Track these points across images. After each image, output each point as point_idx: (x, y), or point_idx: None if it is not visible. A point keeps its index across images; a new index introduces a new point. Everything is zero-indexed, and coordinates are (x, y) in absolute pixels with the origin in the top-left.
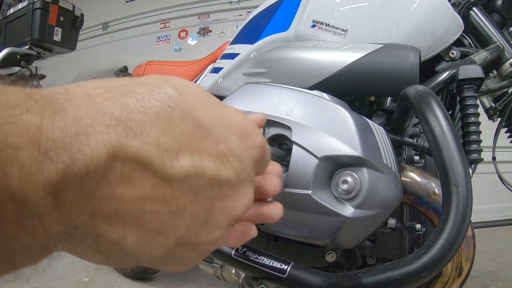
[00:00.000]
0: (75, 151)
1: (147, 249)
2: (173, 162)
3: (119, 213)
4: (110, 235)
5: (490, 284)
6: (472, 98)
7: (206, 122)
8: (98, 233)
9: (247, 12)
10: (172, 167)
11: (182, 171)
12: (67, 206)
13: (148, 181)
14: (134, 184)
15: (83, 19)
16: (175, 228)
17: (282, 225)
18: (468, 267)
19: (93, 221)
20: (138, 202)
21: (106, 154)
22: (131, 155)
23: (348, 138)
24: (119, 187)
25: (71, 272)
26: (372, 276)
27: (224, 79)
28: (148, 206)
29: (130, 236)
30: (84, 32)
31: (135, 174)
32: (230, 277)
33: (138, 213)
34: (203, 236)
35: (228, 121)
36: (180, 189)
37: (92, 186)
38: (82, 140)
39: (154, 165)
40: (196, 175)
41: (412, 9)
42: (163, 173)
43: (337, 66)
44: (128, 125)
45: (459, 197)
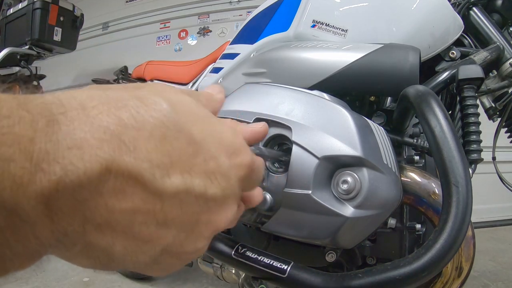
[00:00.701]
0: (68, 163)
1: (134, 256)
2: (164, 179)
3: (110, 223)
4: (100, 242)
5: (490, 284)
6: (472, 98)
7: (198, 139)
8: (88, 241)
9: (247, 12)
10: (163, 183)
11: (172, 187)
12: (59, 215)
13: (139, 195)
14: (126, 197)
15: (83, 19)
16: (161, 238)
17: (282, 225)
18: (468, 267)
19: (83, 229)
20: (129, 214)
21: (99, 168)
22: (124, 170)
23: (348, 138)
24: (111, 199)
25: (71, 272)
26: (372, 276)
27: (224, 79)
28: (137, 217)
29: (119, 244)
30: (84, 32)
31: (127, 188)
32: (230, 277)
33: (128, 223)
34: (187, 246)
35: (219, 137)
36: (169, 204)
37: (84, 197)
38: (75, 154)
39: (146, 180)
40: (185, 191)
41: (412, 9)
42: (154, 188)
43: (337, 66)
44: (122, 140)
45: (459, 197)
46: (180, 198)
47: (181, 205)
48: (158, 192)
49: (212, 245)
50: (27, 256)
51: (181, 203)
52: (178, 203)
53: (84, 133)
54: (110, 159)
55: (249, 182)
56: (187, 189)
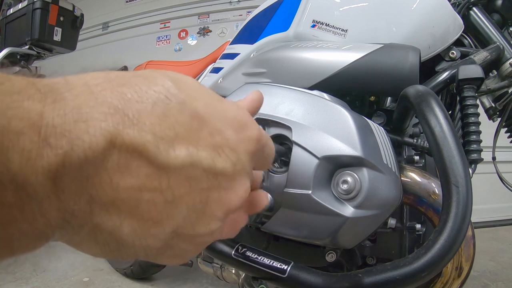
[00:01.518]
0: (74, 137)
1: (143, 239)
2: (169, 151)
3: (115, 201)
4: (107, 223)
5: (490, 284)
6: (472, 98)
7: (202, 113)
8: (95, 222)
9: (247, 12)
10: (167, 156)
11: (177, 160)
12: (65, 193)
13: (144, 170)
14: (131, 173)
15: (83, 19)
16: (171, 218)
17: (282, 225)
18: (468, 267)
19: (90, 209)
20: (134, 191)
21: (104, 141)
22: (128, 143)
23: (348, 138)
24: (116, 175)
25: (71, 272)
26: (372, 276)
27: (224, 79)
28: (144, 195)
29: (127, 225)
30: (84, 32)
31: (131, 162)
32: (230, 277)
33: (134, 202)
34: (200, 227)
35: (224, 113)
36: (176, 179)
37: (89, 173)
38: (80, 127)
39: (150, 153)
40: (192, 165)
41: (412, 9)
42: (158, 161)
43: (337, 66)
44: (126, 114)
45: (459, 197)
46: (187, 172)
47: (189, 180)
48: (164, 166)
49: (212, 245)
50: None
51: (188, 178)
52: (186, 178)
53: (89, 108)
54: (114, 132)
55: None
56: (194, 162)
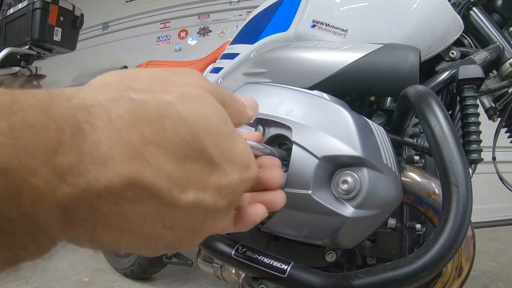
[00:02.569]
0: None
1: (136, 249)
2: (180, 195)
3: (120, 225)
4: (106, 239)
5: (490, 284)
6: (472, 98)
7: (216, 160)
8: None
9: (247, 12)
10: (178, 198)
11: (185, 202)
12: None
13: (153, 206)
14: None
15: (83, 19)
16: (164, 238)
17: (282, 225)
18: (468, 267)
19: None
20: (140, 219)
21: (121, 183)
22: (143, 185)
23: (348, 138)
24: (125, 208)
25: (71, 272)
26: (372, 276)
27: (224, 79)
28: (147, 222)
29: (124, 240)
30: (84, 32)
31: (142, 199)
32: (230, 277)
33: (137, 226)
34: (186, 243)
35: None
36: (179, 214)
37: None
38: (99, 168)
39: (162, 196)
40: (197, 205)
41: (412, 9)
42: (169, 201)
43: (337, 66)
44: (145, 158)
45: (459, 197)
46: (191, 210)
47: (190, 215)
48: (172, 205)
49: (212, 245)
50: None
51: (190, 214)
52: (188, 214)
53: (108, 148)
54: (132, 176)
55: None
56: (198, 204)
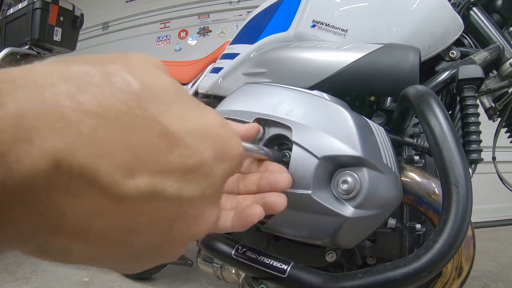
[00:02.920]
0: (13, 160)
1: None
2: (126, 180)
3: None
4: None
5: (490, 284)
6: (472, 98)
7: (175, 131)
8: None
9: (247, 12)
10: (124, 185)
11: (135, 190)
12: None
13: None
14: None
15: (83, 19)
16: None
17: (282, 225)
18: (468, 267)
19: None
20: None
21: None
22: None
23: (348, 138)
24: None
25: (71, 272)
26: (372, 276)
27: (224, 79)
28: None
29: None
30: (84, 32)
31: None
32: (230, 277)
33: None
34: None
35: (203, 128)
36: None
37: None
38: (23, 148)
39: (103, 182)
40: (153, 195)
41: (412, 9)
42: (112, 191)
43: (337, 66)
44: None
45: (459, 197)
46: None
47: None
48: (118, 196)
49: (212, 245)
50: None
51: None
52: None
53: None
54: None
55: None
56: (155, 192)
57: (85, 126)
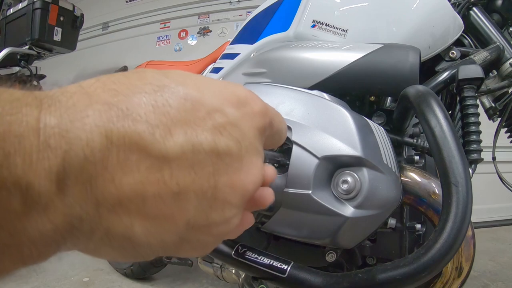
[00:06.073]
0: (72, 136)
1: (158, 237)
2: (166, 138)
3: (122, 201)
4: (118, 227)
5: (490, 284)
6: (472, 98)
7: (196, 94)
8: (105, 226)
9: (247, 12)
10: (165, 143)
11: (176, 147)
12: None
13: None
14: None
15: (83, 19)
16: (181, 210)
17: (282, 225)
18: (468, 267)
19: (98, 213)
20: (138, 186)
21: (100, 137)
22: (124, 136)
23: (348, 138)
24: (117, 173)
25: (71, 272)
26: (372, 276)
27: (224, 79)
28: (148, 189)
29: (138, 225)
30: (84, 32)
31: (130, 156)
32: (230, 277)
33: (140, 199)
34: (214, 216)
35: (220, 90)
36: (178, 167)
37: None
38: (77, 126)
39: (147, 144)
40: (192, 149)
41: (412, 9)
42: (157, 151)
43: (337, 66)
44: (119, 108)
45: (459, 197)
46: (189, 157)
47: (193, 166)
48: (163, 155)
49: None
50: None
51: (191, 164)
52: (188, 165)
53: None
54: (109, 127)
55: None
56: (194, 146)
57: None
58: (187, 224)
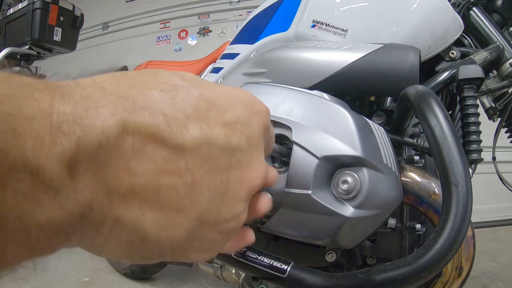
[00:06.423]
0: (86, 124)
1: (168, 230)
2: (183, 131)
3: (134, 190)
4: (129, 216)
5: (490, 284)
6: (472, 98)
7: (208, 95)
8: (116, 216)
9: (247, 12)
10: (182, 136)
11: (192, 140)
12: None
13: (160, 153)
14: (147, 157)
15: (83, 19)
16: (194, 203)
17: (282, 225)
18: (468, 267)
19: (109, 201)
20: (153, 176)
21: (116, 126)
22: (141, 126)
23: (348, 138)
24: (132, 161)
25: (71, 272)
26: (372, 276)
27: (224, 79)
28: (163, 180)
29: (149, 216)
30: (84, 32)
31: (146, 146)
32: (230, 277)
33: (154, 189)
34: (224, 210)
35: (229, 94)
36: (193, 160)
37: (105, 160)
38: (92, 114)
39: (164, 135)
40: (207, 143)
41: (412, 9)
42: (173, 142)
43: (337, 66)
44: (135, 101)
45: (459, 197)
46: (204, 151)
47: (207, 159)
48: (179, 147)
49: None
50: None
51: (206, 158)
52: (203, 158)
53: (99, 97)
54: (126, 117)
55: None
56: (209, 140)
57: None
58: (198, 218)
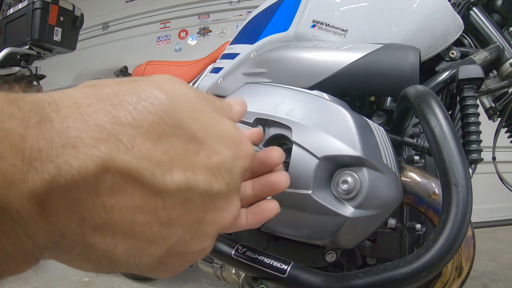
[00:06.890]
0: (62, 162)
1: (137, 258)
2: (165, 176)
3: (109, 224)
4: (100, 245)
5: (490, 284)
6: (472, 98)
7: (199, 135)
8: (87, 243)
9: (247, 12)
10: (164, 181)
11: (174, 185)
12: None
13: (139, 194)
14: (125, 196)
15: (83, 19)
16: (166, 239)
17: (282, 225)
18: (468, 267)
19: (82, 231)
20: (129, 213)
21: (95, 167)
22: (122, 169)
23: (348, 138)
24: (109, 199)
25: (71, 272)
26: (372, 276)
27: (224, 79)
28: (138, 217)
29: (121, 246)
30: (84, 32)
31: (125, 187)
32: (230, 277)
33: (129, 224)
34: (193, 246)
35: (220, 131)
36: (172, 202)
37: (80, 197)
38: (69, 152)
39: (146, 179)
40: (189, 189)
41: (412, 9)
42: (154, 186)
43: (337, 66)
44: (119, 139)
45: (459, 197)
46: (183, 195)
47: (185, 203)
48: (159, 190)
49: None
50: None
51: (184, 201)
52: (182, 201)
53: (79, 132)
54: (107, 158)
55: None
56: (191, 187)
57: (123, 136)
58: (168, 250)
